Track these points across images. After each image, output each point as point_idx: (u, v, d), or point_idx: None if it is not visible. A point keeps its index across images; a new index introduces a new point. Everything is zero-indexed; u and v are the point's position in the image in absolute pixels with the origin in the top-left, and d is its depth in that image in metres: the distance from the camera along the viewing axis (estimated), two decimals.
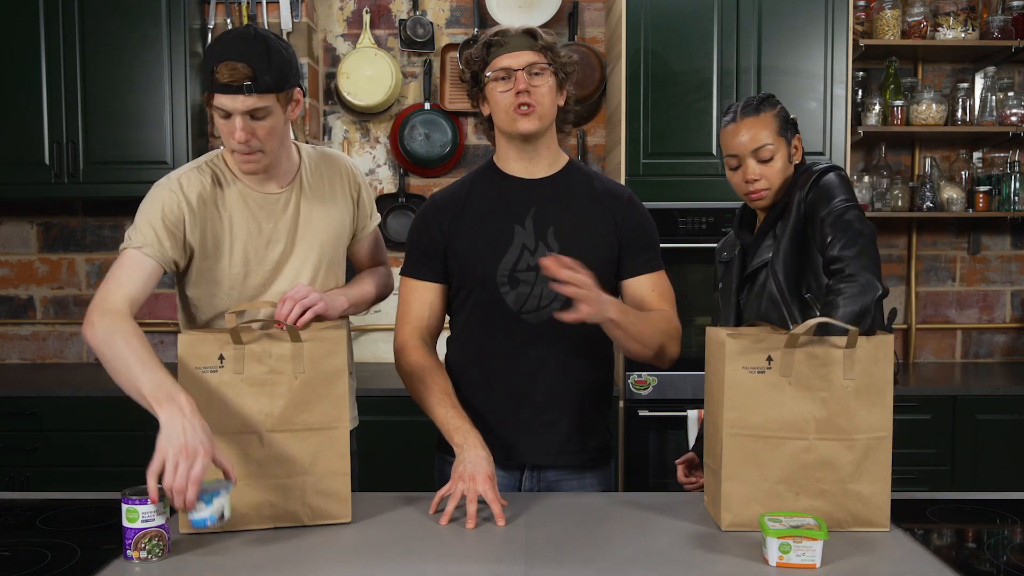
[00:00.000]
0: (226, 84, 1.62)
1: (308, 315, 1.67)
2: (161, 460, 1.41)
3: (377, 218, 2.04)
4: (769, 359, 1.53)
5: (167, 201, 1.74)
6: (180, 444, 1.41)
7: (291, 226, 1.83)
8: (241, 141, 1.67)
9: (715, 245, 2.11)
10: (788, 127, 1.86)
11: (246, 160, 1.72)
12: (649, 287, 1.88)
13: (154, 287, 1.73)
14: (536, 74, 1.79)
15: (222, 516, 1.43)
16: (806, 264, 1.79)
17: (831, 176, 1.79)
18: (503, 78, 1.80)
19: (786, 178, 1.85)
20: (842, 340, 1.53)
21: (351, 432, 1.98)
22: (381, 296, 2.03)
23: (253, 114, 1.66)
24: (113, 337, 1.57)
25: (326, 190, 1.89)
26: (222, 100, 1.64)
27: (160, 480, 1.41)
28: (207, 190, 1.78)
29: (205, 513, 1.42)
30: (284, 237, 1.83)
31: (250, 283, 1.81)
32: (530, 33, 1.81)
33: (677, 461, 2.03)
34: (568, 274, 1.58)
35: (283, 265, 1.83)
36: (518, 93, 1.78)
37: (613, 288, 1.88)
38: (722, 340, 1.55)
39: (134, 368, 1.53)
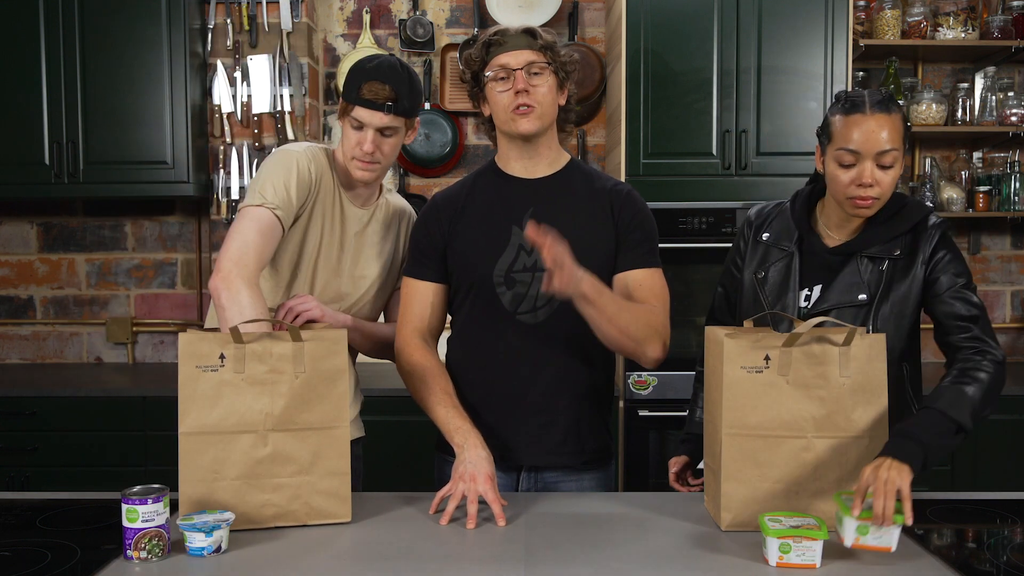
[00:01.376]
0: (370, 100, 1.81)
1: (299, 320, 1.78)
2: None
3: None
4: (767, 358, 1.53)
5: (302, 165, 1.86)
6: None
7: (360, 244, 1.97)
8: (369, 152, 1.84)
9: (715, 245, 2.09)
10: (908, 135, 1.69)
11: (365, 168, 1.87)
12: (638, 282, 1.81)
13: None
14: (535, 73, 1.79)
15: (219, 548, 1.44)
16: (904, 327, 1.71)
17: (951, 239, 1.71)
18: (502, 77, 1.79)
19: (892, 193, 1.70)
20: (839, 337, 1.53)
21: (357, 441, 2.00)
22: (391, 344, 1.99)
23: (383, 131, 1.84)
24: (248, 310, 1.67)
25: (388, 230, 2.03)
26: (362, 113, 1.82)
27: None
28: (327, 173, 1.92)
29: (204, 543, 1.43)
30: (352, 249, 1.96)
31: (292, 281, 1.91)
32: (529, 32, 1.81)
33: (670, 461, 1.98)
34: (547, 243, 1.55)
35: (341, 273, 1.95)
36: (517, 92, 1.77)
37: (609, 288, 1.86)
38: (720, 340, 1.55)
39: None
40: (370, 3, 3.69)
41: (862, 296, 1.71)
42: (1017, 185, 3.48)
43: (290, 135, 3.45)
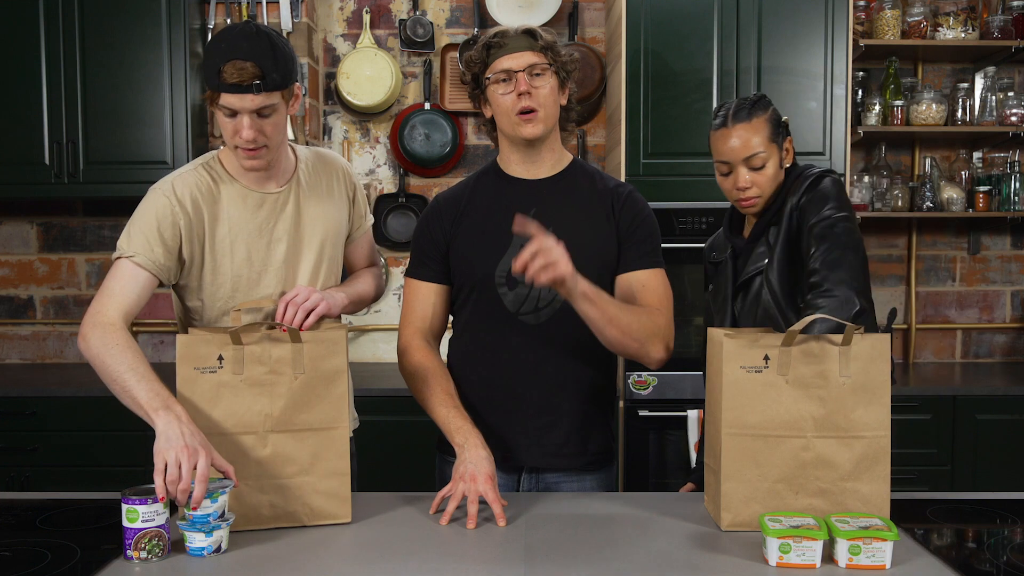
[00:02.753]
0: (235, 84, 1.61)
1: (312, 318, 1.68)
2: (163, 461, 1.42)
3: (371, 219, 2.05)
4: (766, 358, 1.53)
5: (160, 207, 1.72)
6: (180, 445, 1.43)
7: (292, 224, 1.82)
8: (249, 139, 1.67)
9: None
10: (780, 131, 1.82)
11: (251, 156, 1.70)
12: (641, 283, 1.82)
13: (148, 297, 1.72)
14: (537, 75, 1.79)
15: (219, 548, 1.44)
16: (799, 273, 1.76)
17: (825, 183, 1.76)
18: (504, 80, 1.79)
19: (778, 184, 1.83)
20: (838, 337, 1.53)
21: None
22: (376, 296, 2.04)
23: (260, 112, 1.66)
24: (108, 351, 1.59)
25: (323, 188, 1.89)
26: (230, 99, 1.63)
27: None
28: (204, 192, 1.76)
29: (203, 543, 1.43)
30: (286, 236, 1.82)
31: (255, 284, 1.80)
32: (530, 33, 1.80)
33: (681, 490, 1.98)
34: (538, 239, 1.55)
35: (286, 264, 1.82)
36: (520, 95, 1.77)
37: (611, 288, 1.86)
38: (720, 340, 1.55)
39: (129, 380, 1.56)
40: (370, 3, 3.69)
41: (765, 260, 1.81)
42: (1017, 185, 3.48)
43: (290, 135, 3.44)
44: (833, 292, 1.64)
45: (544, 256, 1.56)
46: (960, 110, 3.50)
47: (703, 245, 3.10)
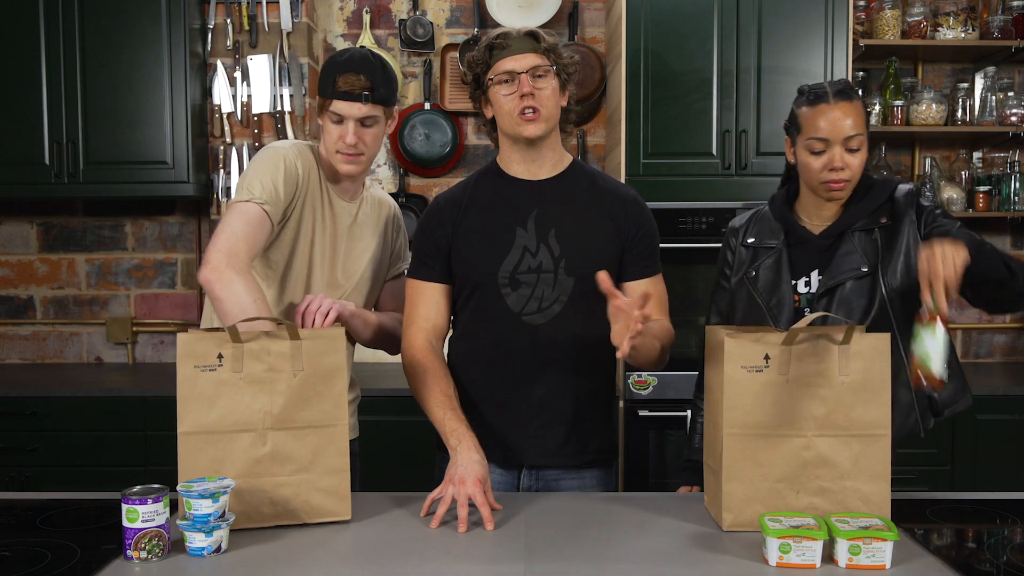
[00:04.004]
0: (346, 92, 1.82)
1: (330, 318, 1.78)
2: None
3: (407, 262, 2.12)
4: (767, 357, 1.53)
5: (289, 161, 1.87)
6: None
7: (351, 237, 1.98)
8: (351, 144, 1.85)
9: (715, 245, 2.10)
10: (869, 122, 1.80)
11: (350, 160, 1.87)
12: (647, 292, 1.85)
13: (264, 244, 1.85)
14: (539, 76, 1.79)
15: (219, 548, 1.44)
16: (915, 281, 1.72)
17: (925, 203, 1.81)
18: (506, 81, 1.80)
19: (861, 174, 1.80)
20: (839, 336, 1.53)
21: (354, 441, 2.00)
22: (397, 336, 2.00)
23: (363, 122, 1.85)
24: (244, 297, 1.68)
25: (373, 223, 2.04)
26: (340, 106, 1.84)
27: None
28: (313, 169, 1.92)
29: (203, 543, 1.43)
30: (344, 243, 1.97)
31: (311, 275, 1.93)
32: (532, 35, 1.81)
33: (679, 491, 1.97)
34: (637, 315, 1.53)
35: (335, 267, 1.96)
36: (522, 96, 1.78)
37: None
38: (720, 340, 1.55)
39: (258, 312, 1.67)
40: (370, 3, 3.69)
41: (864, 268, 1.79)
42: (1017, 185, 3.48)
43: (290, 135, 3.45)
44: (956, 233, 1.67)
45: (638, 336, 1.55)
46: (960, 110, 3.50)
47: (703, 245, 3.16)
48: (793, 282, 1.85)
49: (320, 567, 1.40)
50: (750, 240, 1.92)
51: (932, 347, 1.47)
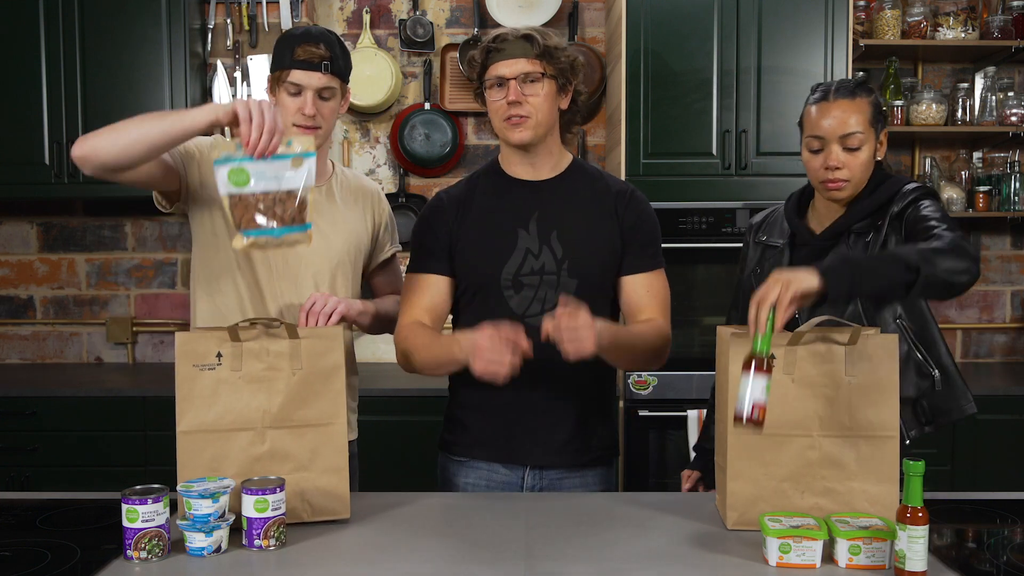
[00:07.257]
0: (305, 60, 1.82)
1: (334, 318, 1.76)
2: (245, 109, 1.61)
3: (398, 246, 2.11)
4: (772, 357, 1.52)
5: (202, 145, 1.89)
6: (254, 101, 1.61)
7: (317, 217, 1.88)
8: (310, 114, 1.83)
9: (715, 245, 2.10)
10: (880, 118, 1.76)
11: (307, 132, 1.83)
12: (645, 287, 1.86)
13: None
14: (530, 82, 1.78)
15: (219, 548, 1.44)
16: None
17: (932, 206, 1.69)
18: (497, 85, 1.80)
19: (867, 176, 1.76)
20: (844, 336, 1.53)
21: (352, 443, 2.00)
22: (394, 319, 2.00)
23: (321, 93, 1.84)
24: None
25: (351, 202, 2.00)
26: (298, 75, 1.83)
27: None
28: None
29: (203, 543, 1.43)
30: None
31: (271, 261, 1.89)
32: (527, 38, 1.79)
33: (683, 474, 2.02)
34: (565, 328, 1.59)
35: (303, 255, 1.88)
36: (510, 103, 1.77)
37: (614, 288, 1.88)
38: (726, 339, 1.55)
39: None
40: (370, 3, 3.69)
41: None
42: (1017, 185, 3.48)
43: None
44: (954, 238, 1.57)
45: (572, 334, 1.60)
46: (960, 110, 3.50)
47: (703, 245, 3.16)
48: None
49: (320, 567, 1.40)
50: (762, 238, 1.93)
51: (742, 386, 1.42)
